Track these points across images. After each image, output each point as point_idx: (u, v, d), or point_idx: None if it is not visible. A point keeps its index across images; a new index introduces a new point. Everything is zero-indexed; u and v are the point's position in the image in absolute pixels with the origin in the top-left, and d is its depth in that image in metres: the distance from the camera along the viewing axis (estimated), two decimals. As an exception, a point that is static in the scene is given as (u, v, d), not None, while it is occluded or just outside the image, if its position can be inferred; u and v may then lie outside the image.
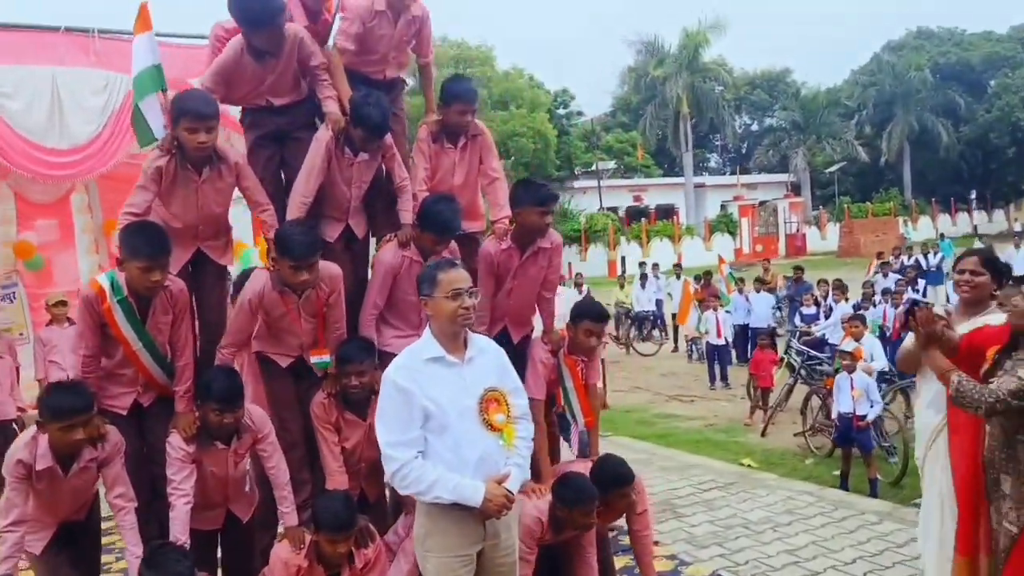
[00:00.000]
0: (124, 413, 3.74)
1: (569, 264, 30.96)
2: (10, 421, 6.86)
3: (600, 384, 5.62)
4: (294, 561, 3.56)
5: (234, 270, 4.65)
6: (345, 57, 4.14)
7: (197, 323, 4.00)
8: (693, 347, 14.22)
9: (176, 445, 3.58)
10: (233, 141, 5.34)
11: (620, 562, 4.76)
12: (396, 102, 4.42)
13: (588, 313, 4.24)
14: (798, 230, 40.44)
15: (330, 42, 4.26)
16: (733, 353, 12.75)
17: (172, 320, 3.70)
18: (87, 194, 10.30)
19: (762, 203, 42.55)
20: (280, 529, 3.95)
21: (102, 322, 3.57)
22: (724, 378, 11.82)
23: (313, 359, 3.90)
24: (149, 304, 3.62)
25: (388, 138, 4.06)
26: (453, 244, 4.15)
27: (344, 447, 3.88)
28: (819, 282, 13.11)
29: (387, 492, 4.26)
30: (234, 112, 4.49)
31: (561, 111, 47.66)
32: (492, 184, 4.42)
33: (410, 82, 4.92)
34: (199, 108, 3.63)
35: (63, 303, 7.76)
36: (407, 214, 4.09)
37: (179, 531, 3.47)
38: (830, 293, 12.10)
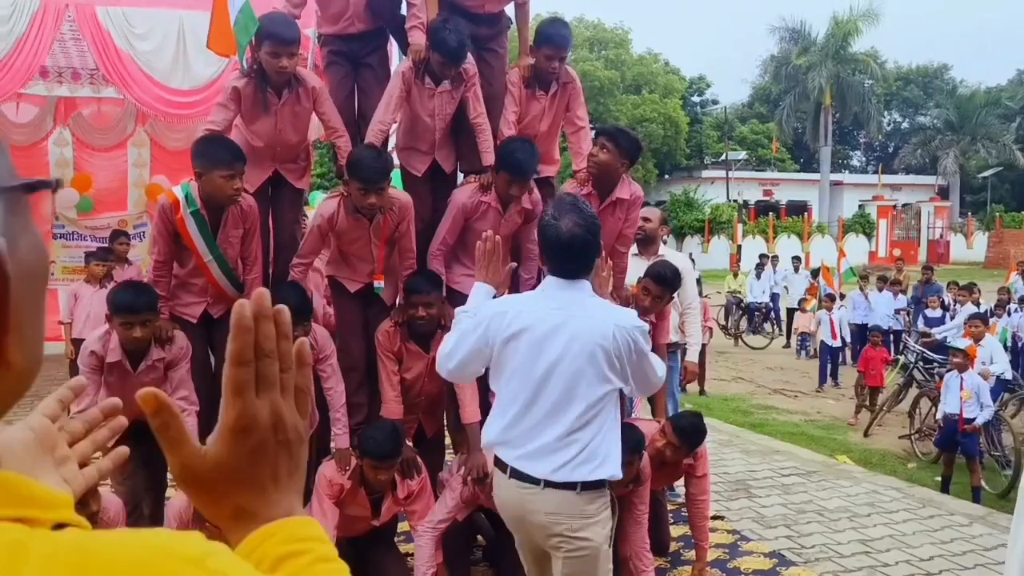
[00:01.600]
0: (194, 321, 3.88)
1: (690, 254, 30.29)
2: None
3: (694, 359, 5.52)
4: (337, 480, 3.64)
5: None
6: None
7: (272, 243, 4.11)
8: (804, 344, 13.62)
9: None
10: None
11: (679, 531, 4.62)
12: (497, 39, 4.33)
13: (649, 271, 4.15)
14: (942, 236, 37.90)
15: None
16: (848, 353, 12.13)
17: (243, 235, 3.81)
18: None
19: (904, 205, 40.13)
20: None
21: (175, 231, 3.72)
22: (835, 377, 11.25)
23: (376, 284, 3.94)
24: (221, 218, 3.74)
25: (471, 69, 4.01)
26: (537, 194, 4.10)
27: (405, 378, 3.91)
28: (948, 285, 12.25)
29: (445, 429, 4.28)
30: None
31: (696, 98, 46.58)
32: (577, 132, 4.33)
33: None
34: (282, 33, 3.70)
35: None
36: (488, 155, 4.04)
37: None
38: (957, 296, 11.29)
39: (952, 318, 10.53)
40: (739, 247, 26.57)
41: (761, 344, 14.89)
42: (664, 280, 4.15)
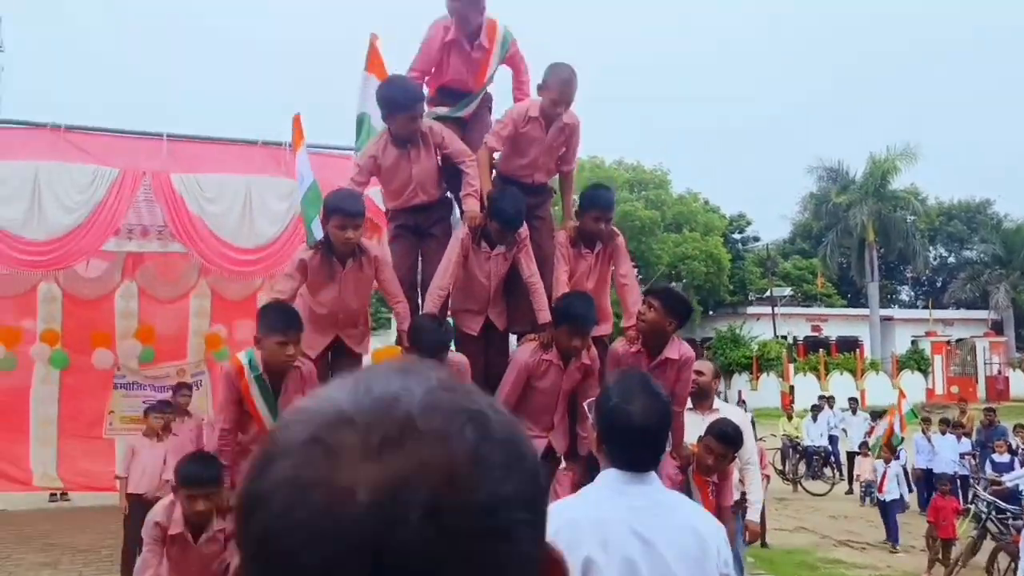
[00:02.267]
0: None
1: (739, 392, 29.74)
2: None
3: (756, 518, 5.33)
4: None
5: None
6: (495, 158, 4.36)
7: None
8: (869, 491, 13.06)
9: None
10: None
11: None
12: (543, 207, 4.60)
13: (711, 430, 4.10)
14: (1000, 372, 36.76)
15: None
16: (911, 501, 11.57)
17: None
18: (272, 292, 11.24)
19: (959, 341, 39.24)
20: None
21: (239, 397, 3.82)
22: (894, 539, 10.21)
23: None
24: (282, 382, 3.84)
25: (523, 232, 4.19)
26: (595, 351, 4.15)
27: None
28: (1015, 428, 11.78)
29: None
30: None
31: (736, 235, 47.05)
32: (624, 289, 4.46)
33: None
34: (348, 207, 3.94)
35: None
36: (543, 313, 4.15)
37: None
38: (1027, 439, 10.84)
39: (1022, 463, 10.06)
40: (792, 387, 25.99)
41: (822, 490, 14.31)
42: (727, 438, 4.09)
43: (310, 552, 0.50)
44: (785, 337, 37.11)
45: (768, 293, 39.63)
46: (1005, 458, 10.53)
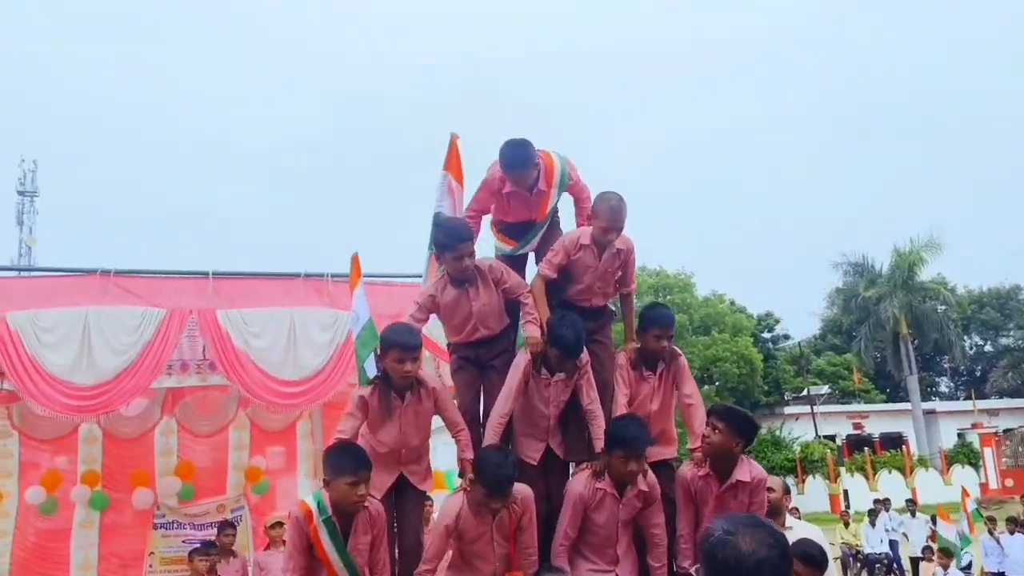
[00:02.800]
0: None
1: (794, 510, 28.70)
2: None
3: None
4: None
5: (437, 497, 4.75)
6: (554, 285, 4.35)
7: (397, 548, 4.05)
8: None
9: None
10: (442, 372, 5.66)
11: None
12: (603, 330, 4.55)
13: (795, 553, 3.88)
14: (1053, 462, 35.42)
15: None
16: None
17: (372, 541, 3.79)
18: (311, 422, 11.15)
19: (1007, 431, 37.99)
20: None
21: (309, 543, 3.72)
22: None
23: None
24: (351, 525, 3.74)
25: (584, 359, 4.13)
26: (652, 476, 4.02)
27: None
28: (1088, 523, 11.21)
29: None
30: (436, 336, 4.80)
31: (766, 335, 46.68)
32: (689, 409, 4.36)
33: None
34: (406, 341, 3.93)
35: (280, 524, 8.14)
36: (599, 442, 4.06)
37: None
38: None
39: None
40: (846, 491, 25.08)
41: (888, 600, 13.59)
42: (814, 561, 3.88)
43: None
44: (833, 438, 36.12)
45: (805, 392, 38.90)
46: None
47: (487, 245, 4.66)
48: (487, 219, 4.69)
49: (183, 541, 10.44)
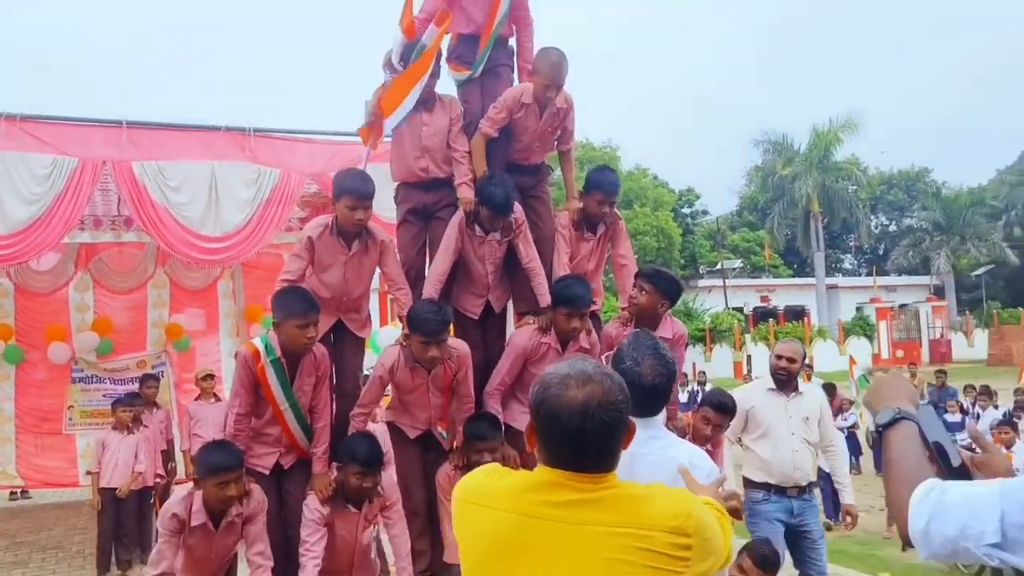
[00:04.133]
0: (267, 472, 3.93)
1: (693, 364, 30.25)
2: (150, 488, 7.25)
3: (852, 501, 5.12)
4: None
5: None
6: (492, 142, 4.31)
7: (334, 391, 4.18)
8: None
9: (312, 506, 3.73)
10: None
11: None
12: (540, 186, 4.58)
13: (709, 400, 4.22)
14: (942, 336, 38.09)
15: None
16: (863, 464, 12.00)
17: (315, 383, 3.92)
18: (232, 281, 11.08)
19: (902, 306, 40.51)
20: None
21: (256, 382, 3.82)
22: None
23: (438, 430, 4.02)
24: (297, 366, 3.85)
25: (519, 217, 4.21)
26: (595, 335, 4.20)
27: None
28: (965, 388, 12.26)
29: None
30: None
31: (686, 210, 47.66)
32: (622, 270, 4.51)
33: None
34: (360, 188, 3.94)
35: (211, 376, 8.25)
36: (544, 297, 4.19)
37: None
38: (976, 400, 11.29)
39: (975, 421, 10.48)
40: (749, 357, 26.51)
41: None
42: (724, 408, 4.24)
43: (564, 418, 1.68)
44: (740, 309, 37.84)
45: (719, 266, 40.31)
46: (957, 418, 10.95)
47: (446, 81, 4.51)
48: (445, 46, 4.50)
49: (103, 395, 10.45)
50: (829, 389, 14.19)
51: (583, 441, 1.66)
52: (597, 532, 1.61)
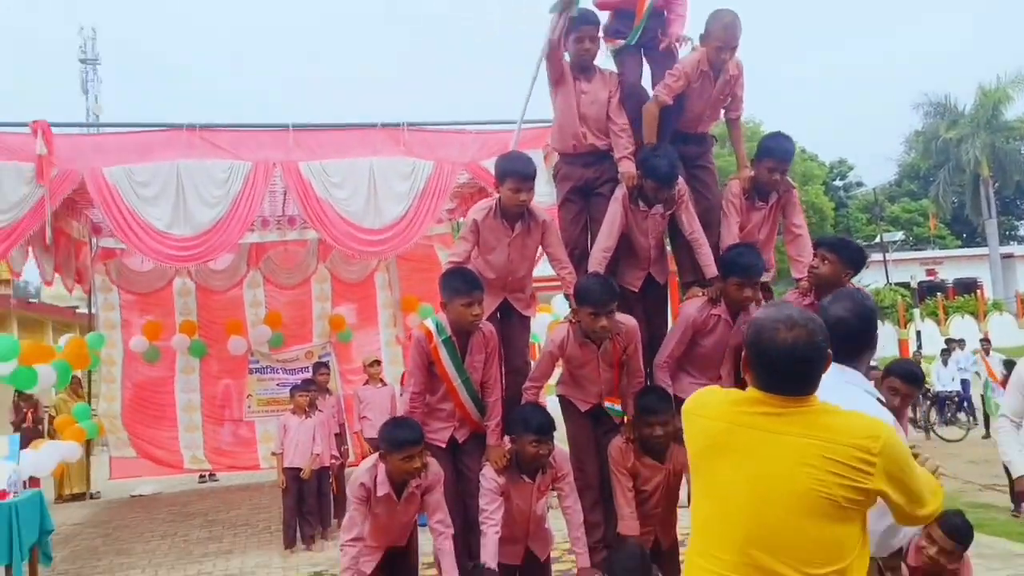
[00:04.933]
0: (443, 446, 4.10)
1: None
2: (327, 468, 7.70)
3: None
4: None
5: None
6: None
7: (504, 367, 4.29)
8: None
9: (489, 476, 3.86)
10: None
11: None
12: (705, 156, 4.50)
13: (895, 370, 3.96)
14: None
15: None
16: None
17: (485, 359, 4.05)
18: (387, 273, 11.56)
19: (1089, 274, 36.87)
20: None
21: (429, 361, 4.00)
22: None
23: (607, 405, 4.04)
24: (467, 344, 4.00)
25: (682, 189, 4.15)
26: (764, 304, 4.09)
27: (644, 490, 3.92)
28: None
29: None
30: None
31: (838, 182, 45.33)
32: (795, 240, 4.38)
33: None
34: (522, 169, 4.02)
35: (378, 362, 8.68)
36: (709, 268, 4.13)
37: (490, 558, 3.68)
38: None
39: None
40: (919, 332, 24.89)
41: (957, 436, 13.76)
42: (914, 378, 3.97)
43: (775, 356, 2.00)
44: (905, 285, 35.56)
45: (878, 239, 38.06)
46: None
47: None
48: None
49: (277, 384, 11.22)
50: (1010, 366, 13.18)
51: (791, 374, 2.00)
52: (789, 440, 1.96)
